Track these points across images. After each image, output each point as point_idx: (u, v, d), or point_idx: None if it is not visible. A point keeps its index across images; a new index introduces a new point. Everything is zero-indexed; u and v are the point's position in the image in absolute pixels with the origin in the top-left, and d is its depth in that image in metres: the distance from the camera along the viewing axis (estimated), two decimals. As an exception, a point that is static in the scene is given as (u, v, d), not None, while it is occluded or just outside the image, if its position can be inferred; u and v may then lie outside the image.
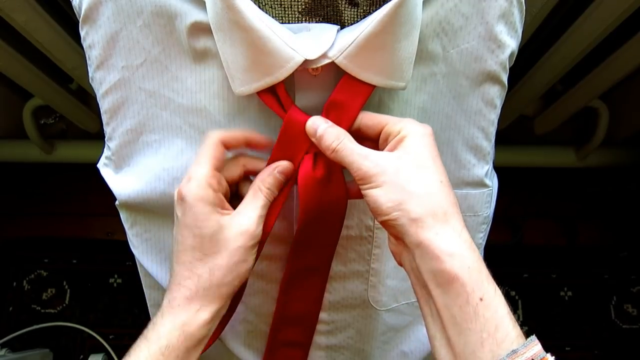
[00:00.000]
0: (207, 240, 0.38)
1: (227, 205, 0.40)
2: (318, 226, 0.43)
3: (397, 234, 0.35)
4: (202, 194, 0.37)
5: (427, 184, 0.34)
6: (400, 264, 0.38)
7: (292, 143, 0.39)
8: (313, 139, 0.38)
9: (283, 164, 0.40)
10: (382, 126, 0.37)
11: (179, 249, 0.39)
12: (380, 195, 0.34)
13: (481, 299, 0.31)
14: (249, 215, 0.39)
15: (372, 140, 0.39)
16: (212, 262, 0.38)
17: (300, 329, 0.50)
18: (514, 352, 0.29)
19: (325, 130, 0.37)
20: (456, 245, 0.32)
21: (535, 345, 0.30)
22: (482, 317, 0.31)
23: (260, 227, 0.39)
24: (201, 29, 0.39)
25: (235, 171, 0.41)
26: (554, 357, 0.30)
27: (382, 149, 0.37)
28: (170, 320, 0.38)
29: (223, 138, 0.39)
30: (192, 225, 0.38)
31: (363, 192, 0.35)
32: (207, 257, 0.38)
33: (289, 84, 0.39)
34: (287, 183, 0.40)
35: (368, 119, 0.38)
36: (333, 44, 0.36)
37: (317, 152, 0.39)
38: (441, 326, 0.33)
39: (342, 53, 0.36)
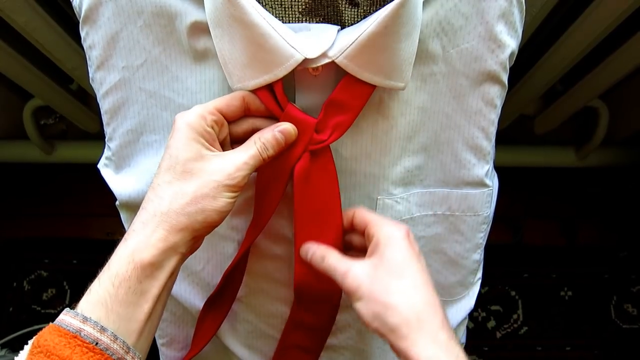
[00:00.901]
0: (181, 164, 0.36)
1: (218, 145, 0.38)
2: (316, 225, 0.42)
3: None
4: (192, 121, 0.36)
5: (400, 292, 0.36)
6: None
7: None
8: (306, 260, 0.41)
9: (285, 125, 0.38)
10: (366, 225, 0.40)
11: (155, 174, 0.37)
12: (361, 307, 0.36)
13: None
14: (235, 157, 0.37)
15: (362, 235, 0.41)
16: (179, 186, 0.35)
17: (312, 335, 0.50)
18: None
19: (313, 253, 0.41)
20: (430, 351, 0.34)
21: None
22: None
23: (242, 175, 0.36)
24: (201, 29, 0.39)
25: (242, 126, 0.40)
26: None
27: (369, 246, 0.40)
28: (123, 248, 0.35)
29: (246, 94, 0.38)
30: (172, 147, 0.36)
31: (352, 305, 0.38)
32: (176, 182, 0.36)
33: (289, 83, 0.39)
34: (286, 147, 0.39)
35: (358, 215, 0.41)
36: (333, 43, 0.36)
37: (313, 151, 0.39)
38: None
39: (342, 53, 0.36)
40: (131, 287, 0.34)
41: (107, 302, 0.33)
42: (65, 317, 0.32)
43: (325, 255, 0.40)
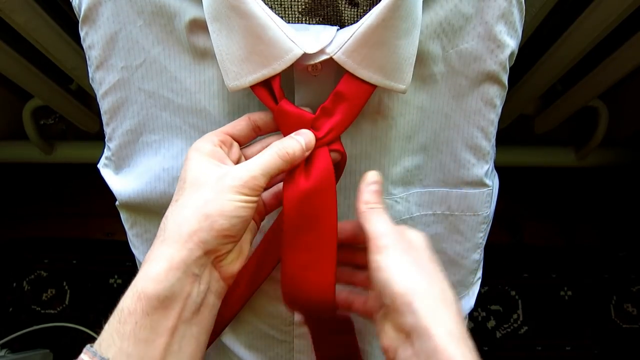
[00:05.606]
0: (188, 181, 0.33)
1: (230, 163, 0.36)
2: (309, 234, 0.39)
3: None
4: (198, 145, 0.35)
5: (430, 268, 0.34)
6: None
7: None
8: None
9: (304, 130, 0.37)
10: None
11: None
12: (382, 259, 0.33)
13: None
14: (247, 162, 0.34)
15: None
16: (182, 201, 0.33)
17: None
18: None
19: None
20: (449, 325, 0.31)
21: None
22: None
23: (250, 175, 0.33)
24: (200, 26, 0.39)
25: (255, 147, 0.39)
26: None
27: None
28: (130, 287, 0.32)
29: (251, 113, 0.38)
30: (181, 173, 0.35)
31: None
32: (180, 198, 0.33)
33: (289, 83, 0.39)
34: (307, 151, 0.37)
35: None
36: (332, 40, 0.36)
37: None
38: None
39: (340, 48, 0.35)
40: (138, 321, 0.30)
41: (115, 341, 0.30)
42: (85, 358, 0.30)
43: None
